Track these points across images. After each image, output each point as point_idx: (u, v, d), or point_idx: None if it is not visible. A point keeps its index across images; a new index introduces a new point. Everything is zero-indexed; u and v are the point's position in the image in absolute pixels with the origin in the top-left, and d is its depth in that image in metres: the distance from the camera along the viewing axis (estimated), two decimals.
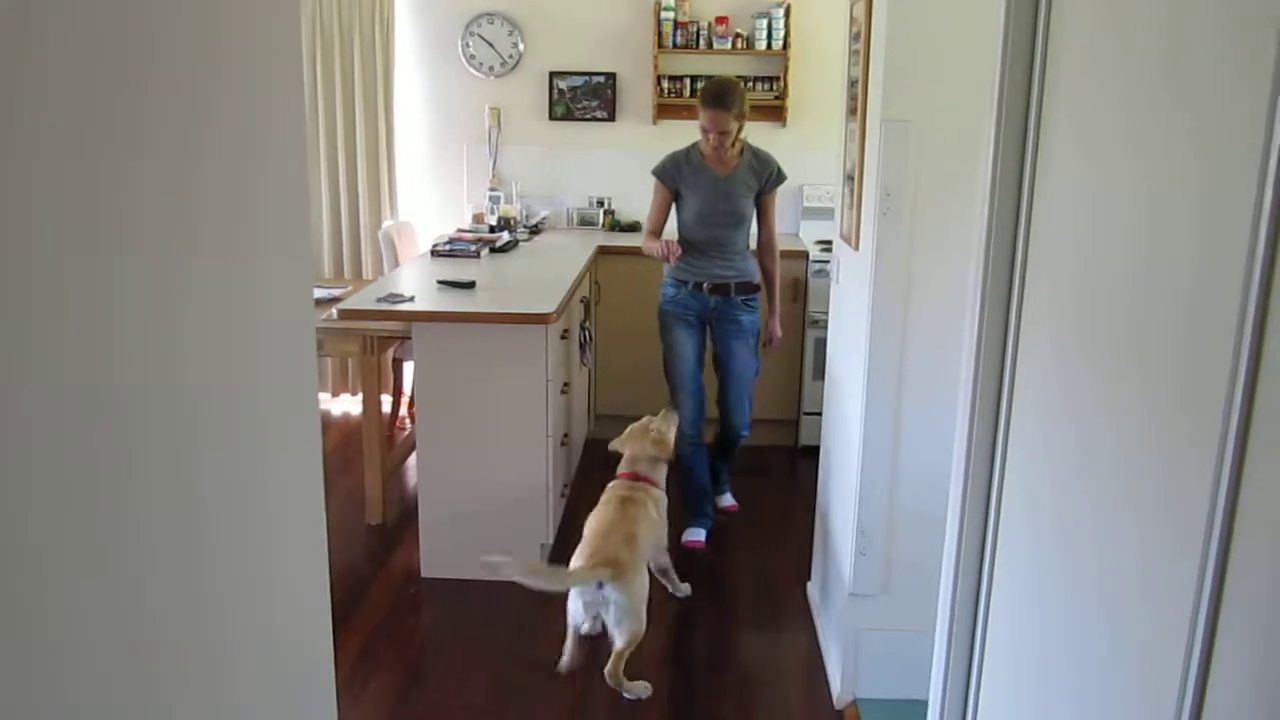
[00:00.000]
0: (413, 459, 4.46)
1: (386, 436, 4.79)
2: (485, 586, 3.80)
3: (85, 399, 0.80)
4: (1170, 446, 1.10)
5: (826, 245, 4.90)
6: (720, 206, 4.03)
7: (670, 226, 4.20)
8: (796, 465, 5.21)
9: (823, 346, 4.06)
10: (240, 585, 1.11)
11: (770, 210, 4.16)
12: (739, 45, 5.57)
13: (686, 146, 4.13)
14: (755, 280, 4.16)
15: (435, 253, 4.95)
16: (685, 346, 4.13)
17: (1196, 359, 1.03)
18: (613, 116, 5.82)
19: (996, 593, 1.67)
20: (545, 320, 3.69)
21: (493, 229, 5.53)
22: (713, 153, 4.01)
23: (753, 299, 4.15)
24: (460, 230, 5.57)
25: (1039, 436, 1.51)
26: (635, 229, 5.59)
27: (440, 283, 4.15)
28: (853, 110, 3.11)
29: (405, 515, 4.39)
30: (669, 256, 4.02)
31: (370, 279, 5.42)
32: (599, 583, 3.05)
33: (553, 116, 5.84)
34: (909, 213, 2.77)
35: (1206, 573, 1.00)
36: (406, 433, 5.14)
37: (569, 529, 4.13)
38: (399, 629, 3.60)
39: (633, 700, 3.11)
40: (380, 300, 3.86)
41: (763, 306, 4.24)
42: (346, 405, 5.91)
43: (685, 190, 4.08)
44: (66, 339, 0.78)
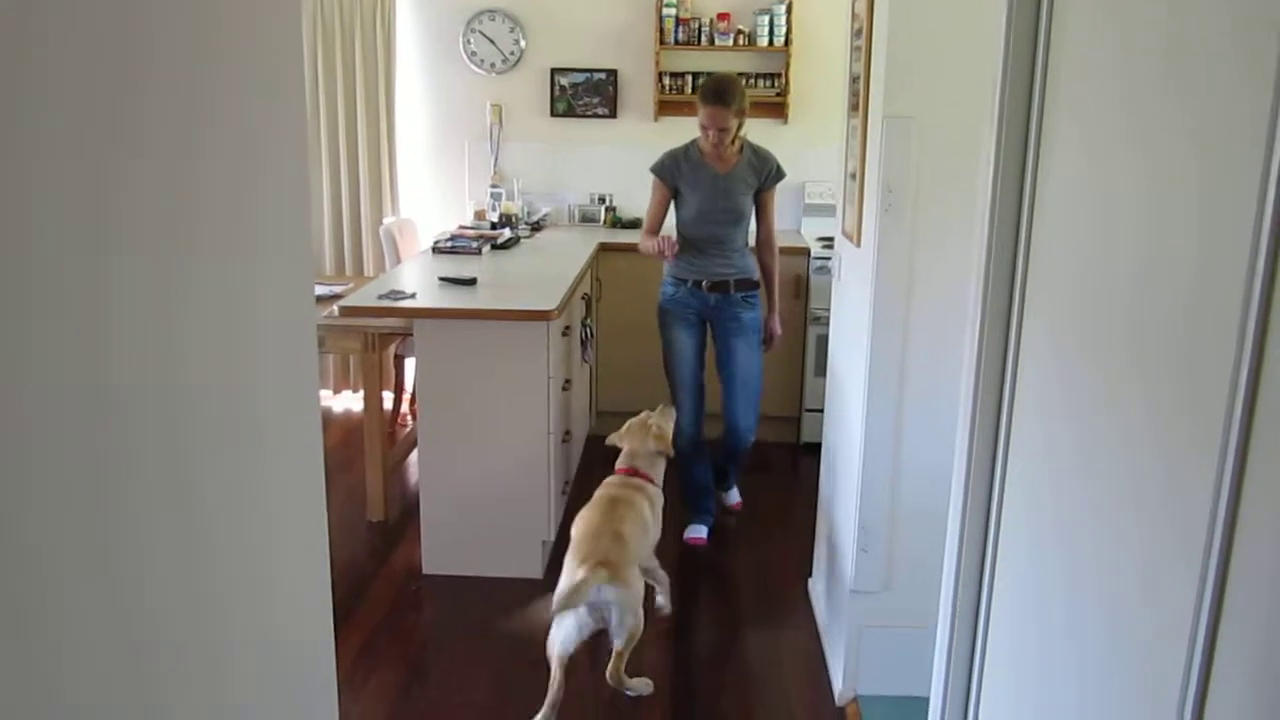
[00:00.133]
0: (414, 456, 4.46)
1: (388, 433, 4.79)
2: (486, 583, 3.81)
3: (85, 397, 0.80)
4: (1171, 446, 1.09)
5: (828, 242, 4.90)
6: (719, 204, 4.01)
7: (669, 224, 4.19)
8: (798, 462, 5.21)
9: (824, 343, 4.06)
10: (241, 582, 1.11)
11: (769, 208, 4.14)
12: (740, 42, 5.57)
13: (685, 144, 4.10)
14: (755, 277, 4.14)
15: (436, 249, 4.95)
16: (685, 345, 4.12)
17: (1197, 358, 1.03)
18: (614, 113, 5.81)
19: (998, 589, 1.67)
20: (546, 317, 3.69)
21: (494, 226, 5.53)
22: (712, 150, 3.98)
23: (753, 296, 4.13)
24: (462, 227, 5.57)
25: (1040, 434, 1.51)
26: (637, 226, 5.58)
27: (442, 279, 4.15)
28: (854, 106, 3.11)
29: (406, 512, 4.40)
30: (665, 252, 3.99)
31: (371, 276, 5.42)
32: (596, 586, 2.98)
33: (554, 113, 5.83)
34: (911, 209, 2.76)
35: (1208, 573, 0.99)
36: (408, 430, 5.14)
37: (570, 526, 4.14)
38: (400, 626, 3.60)
39: (635, 697, 3.11)
40: (381, 297, 3.86)
41: (762, 304, 4.23)
42: (348, 402, 5.91)
43: (684, 188, 4.05)
44: (66, 337, 0.78)
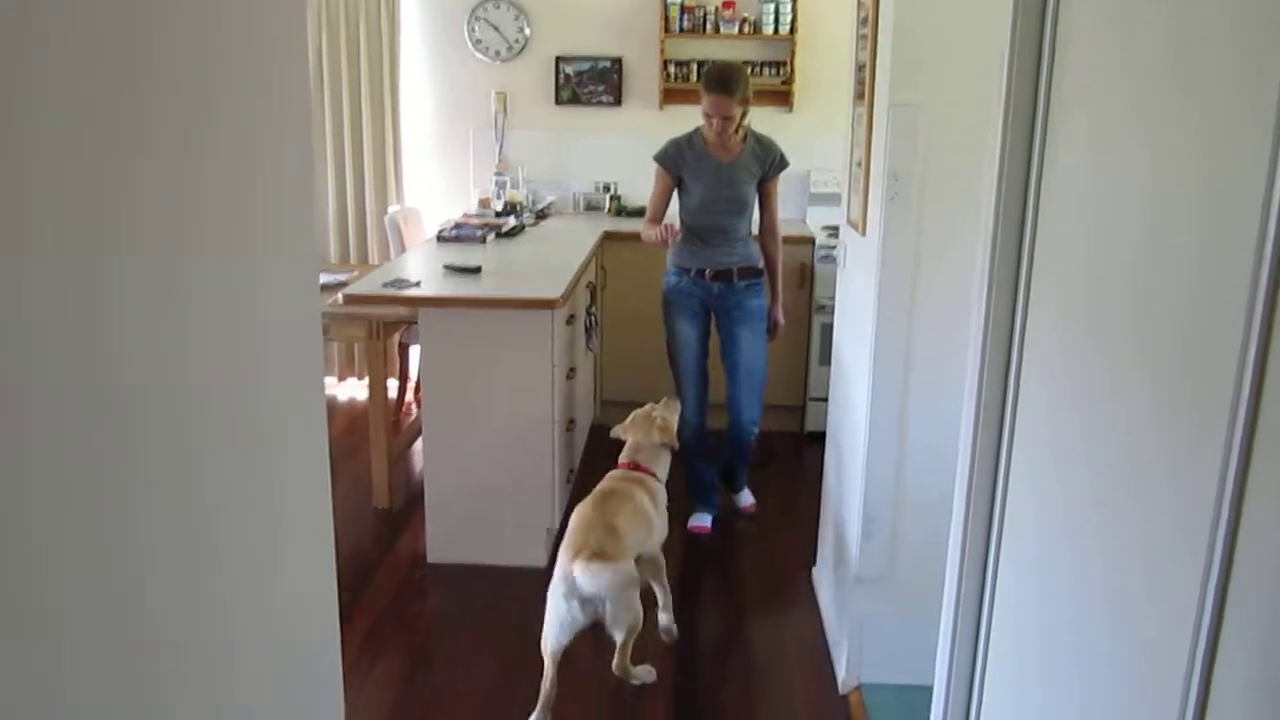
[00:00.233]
0: (419, 444, 4.47)
1: (393, 421, 4.80)
2: (490, 571, 3.82)
3: (86, 390, 0.80)
4: (1176, 434, 1.09)
5: (833, 231, 4.89)
6: (723, 193, 3.99)
7: (672, 212, 4.17)
8: (802, 451, 5.21)
9: (829, 332, 4.05)
10: (246, 569, 1.12)
11: (773, 197, 4.12)
12: (746, 30, 5.54)
13: (689, 132, 4.07)
14: (758, 265, 4.11)
15: (441, 238, 4.94)
16: (688, 334, 4.11)
17: (1203, 346, 1.03)
18: (619, 101, 5.80)
19: (1002, 578, 1.68)
20: (551, 305, 3.68)
21: (499, 214, 5.52)
22: (715, 138, 3.95)
23: (756, 283, 4.10)
24: (466, 215, 5.57)
25: (1046, 422, 1.51)
26: (642, 214, 5.53)
27: (446, 268, 4.15)
28: (860, 95, 3.10)
29: (411, 500, 4.41)
30: (667, 241, 3.98)
31: (376, 264, 5.42)
32: (586, 578, 2.89)
33: (559, 101, 5.82)
34: (916, 198, 2.76)
35: (1213, 562, 0.99)
36: (413, 418, 5.15)
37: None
38: (405, 613, 3.61)
39: (639, 685, 3.12)
40: (386, 285, 3.86)
41: (766, 293, 4.21)
42: (353, 390, 5.92)
43: (687, 177, 4.03)
44: (67, 333, 0.77)
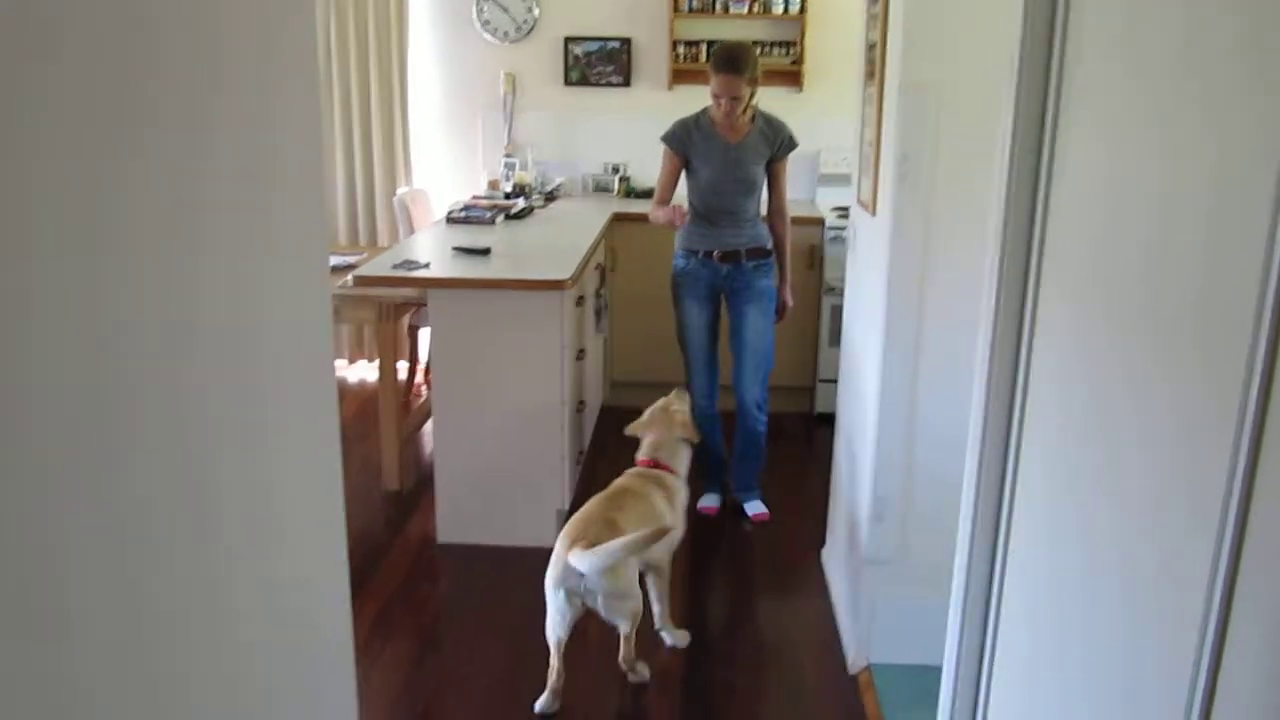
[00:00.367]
0: (429, 425, 4.48)
1: (403, 403, 4.81)
2: (500, 552, 3.83)
3: (95, 377, 0.80)
4: (1187, 415, 1.09)
5: (843, 212, 4.87)
6: (731, 174, 3.96)
7: (680, 194, 4.15)
8: (812, 433, 5.21)
9: (839, 313, 4.04)
10: (258, 552, 1.12)
11: (781, 177, 4.08)
12: (755, 9, 5.51)
13: (696, 113, 4.04)
14: (767, 245, 4.08)
15: (450, 219, 4.94)
16: (696, 318, 4.09)
17: (1214, 325, 1.02)
18: (628, 82, 5.78)
19: (1012, 559, 1.67)
20: (561, 287, 3.68)
21: (508, 196, 5.52)
22: (724, 119, 3.92)
23: (765, 264, 4.07)
24: (475, 197, 5.56)
25: (1055, 404, 1.50)
26: (650, 195, 5.54)
27: (455, 249, 4.15)
28: (871, 75, 3.08)
29: (421, 482, 4.42)
30: (675, 223, 3.96)
31: (385, 246, 5.42)
32: (579, 572, 2.84)
33: (568, 82, 5.80)
34: (927, 178, 2.74)
35: (1224, 542, 0.99)
36: (422, 399, 5.16)
37: (584, 496, 4.15)
38: (415, 595, 3.63)
39: (638, 681, 3.10)
40: (396, 267, 3.86)
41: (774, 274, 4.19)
42: (362, 372, 5.93)
43: (695, 158, 4.00)
44: (74, 323, 0.77)
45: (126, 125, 0.83)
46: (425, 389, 5.36)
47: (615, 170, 5.84)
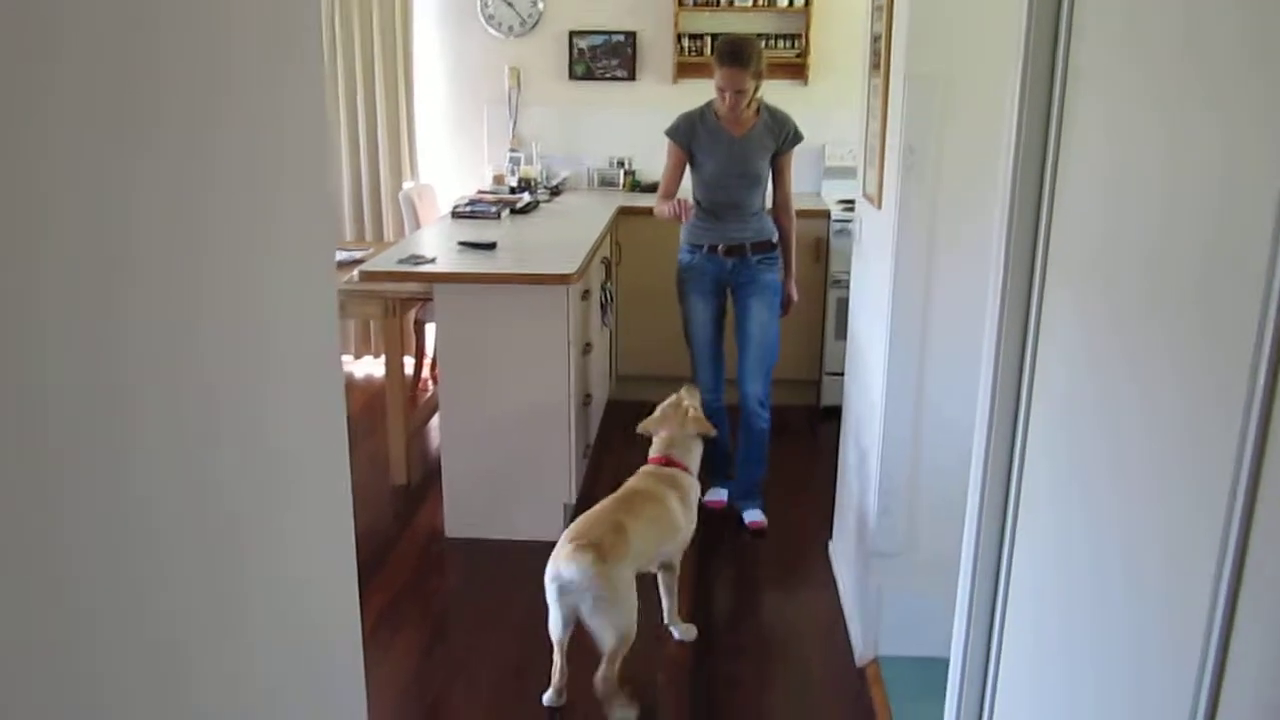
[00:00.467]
0: (435, 420, 4.49)
1: (409, 398, 4.82)
2: (507, 546, 3.84)
3: (100, 375, 0.80)
4: (1193, 410, 1.09)
5: (849, 205, 4.86)
6: (736, 168, 3.94)
7: (685, 187, 4.13)
8: (817, 426, 5.21)
9: (845, 306, 4.04)
10: (267, 546, 1.12)
11: (787, 171, 4.06)
12: (760, 2, 5.50)
13: (701, 106, 4.02)
14: (772, 239, 4.05)
15: (456, 214, 4.94)
16: (701, 312, 4.08)
17: (1220, 322, 1.02)
18: (633, 76, 5.77)
19: (1019, 550, 1.67)
20: (566, 281, 3.68)
21: (513, 190, 5.52)
22: (728, 112, 3.90)
23: (770, 257, 4.04)
24: (481, 191, 5.56)
25: (1061, 394, 1.50)
26: (656, 189, 5.55)
27: (461, 244, 4.16)
28: (876, 67, 3.07)
29: (428, 476, 4.43)
30: (680, 216, 3.94)
31: (391, 241, 5.43)
32: (570, 568, 2.79)
33: (573, 76, 5.79)
34: (933, 170, 2.74)
35: (1229, 536, 0.99)
36: (429, 394, 5.17)
37: (591, 489, 4.16)
38: (423, 588, 3.64)
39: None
40: (402, 262, 3.86)
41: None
42: (369, 367, 5.94)
43: (699, 152, 3.98)
44: (79, 320, 0.77)
45: (131, 123, 0.83)
46: (431, 383, 5.37)
47: (620, 164, 5.83)
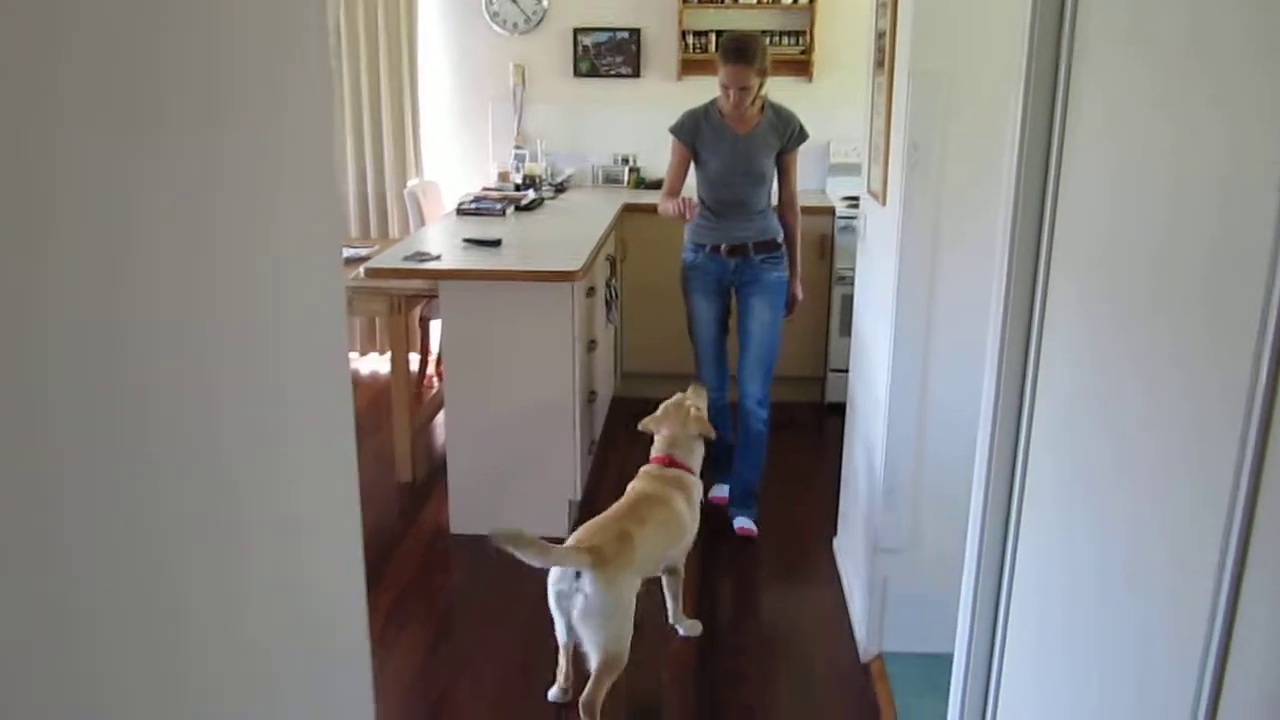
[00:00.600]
0: (441, 417, 4.50)
1: (414, 395, 4.83)
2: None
3: (106, 372, 0.81)
4: (1196, 405, 1.09)
5: (853, 201, 4.86)
6: (740, 166, 3.91)
7: (690, 185, 4.12)
8: (823, 422, 5.21)
9: (849, 303, 4.04)
10: (273, 544, 1.13)
11: (792, 169, 4.03)
12: None
13: (705, 103, 4.00)
14: (776, 238, 4.01)
15: (461, 211, 4.95)
16: (705, 312, 4.05)
17: (1223, 318, 1.03)
18: (637, 73, 5.77)
19: (1023, 546, 1.68)
20: (571, 278, 3.69)
21: (518, 187, 5.52)
22: (732, 110, 3.87)
23: (774, 256, 4.00)
24: (486, 189, 5.57)
25: (1066, 391, 1.51)
26: (660, 186, 5.55)
27: (466, 241, 4.16)
28: (880, 64, 3.07)
29: (434, 473, 4.44)
30: (685, 214, 3.89)
31: (396, 238, 5.44)
32: (576, 573, 2.74)
33: (577, 73, 5.80)
34: (937, 167, 2.74)
35: (1232, 529, 1.00)
36: (434, 391, 5.18)
37: (596, 486, 4.17)
38: (429, 585, 3.65)
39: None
40: (407, 259, 3.87)
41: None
42: (374, 364, 5.95)
43: (703, 150, 3.96)
44: (85, 317, 0.78)
45: (135, 123, 0.84)
46: (437, 380, 5.38)
47: (625, 161, 5.84)
